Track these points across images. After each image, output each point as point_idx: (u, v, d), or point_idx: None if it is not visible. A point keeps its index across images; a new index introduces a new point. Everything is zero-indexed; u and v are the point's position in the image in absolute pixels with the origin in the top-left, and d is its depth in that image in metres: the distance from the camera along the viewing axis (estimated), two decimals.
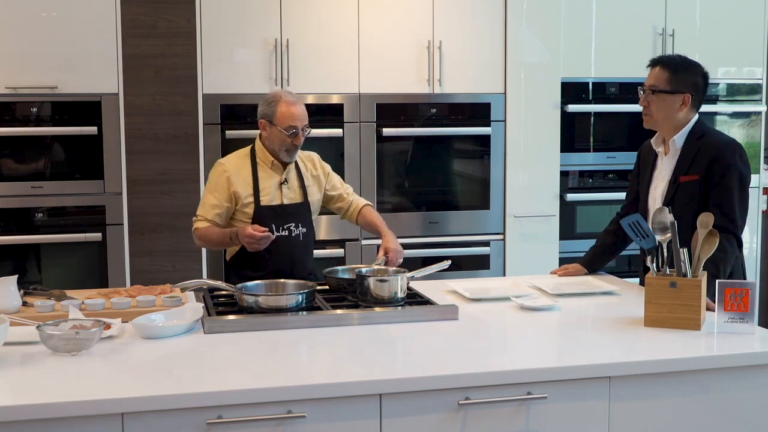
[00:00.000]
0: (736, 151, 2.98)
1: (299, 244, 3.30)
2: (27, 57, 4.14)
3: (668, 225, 2.62)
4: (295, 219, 3.30)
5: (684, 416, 2.34)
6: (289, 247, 3.27)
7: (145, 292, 2.85)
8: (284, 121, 3.21)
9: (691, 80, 3.03)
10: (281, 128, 3.21)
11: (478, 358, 2.35)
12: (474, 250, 4.79)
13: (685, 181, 3.01)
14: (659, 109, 3.04)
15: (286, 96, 3.27)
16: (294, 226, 3.29)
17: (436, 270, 3.01)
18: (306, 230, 3.33)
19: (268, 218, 3.24)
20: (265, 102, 3.28)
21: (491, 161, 4.78)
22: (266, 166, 3.30)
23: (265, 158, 3.30)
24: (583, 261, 3.43)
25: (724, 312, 2.53)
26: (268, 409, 2.06)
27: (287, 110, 3.22)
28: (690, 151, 3.02)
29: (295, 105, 3.25)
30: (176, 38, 4.32)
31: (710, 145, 2.99)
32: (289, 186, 3.31)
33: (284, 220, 3.27)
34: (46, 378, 2.14)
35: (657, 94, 3.04)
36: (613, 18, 4.91)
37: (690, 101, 3.03)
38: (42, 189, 4.22)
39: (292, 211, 3.29)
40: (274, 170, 3.30)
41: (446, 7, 4.65)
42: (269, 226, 3.21)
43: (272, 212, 3.25)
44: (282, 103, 3.23)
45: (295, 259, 3.26)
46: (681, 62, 3.07)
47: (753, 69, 5.14)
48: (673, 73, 3.02)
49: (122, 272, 4.30)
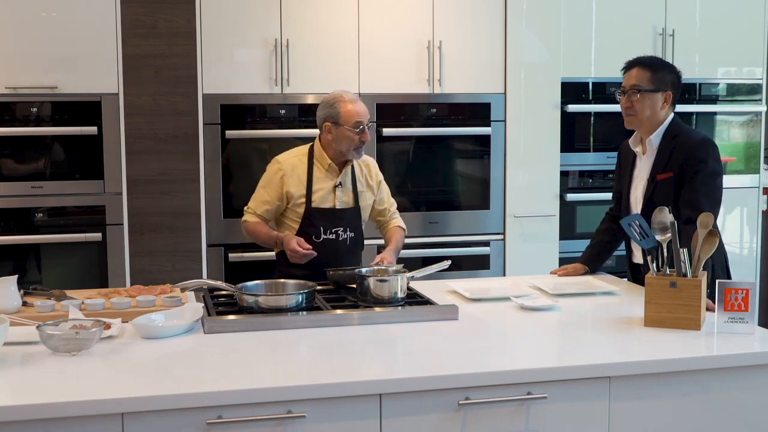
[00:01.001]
0: (708, 149, 3.05)
1: (345, 248, 3.33)
2: (27, 57, 4.14)
3: (668, 225, 2.63)
4: (344, 223, 3.32)
5: (684, 416, 2.34)
6: (335, 250, 3.29)
7: (145, 292, 2.85)
8: (350, 119, 3.23)
9: (669, 79, 3.13)
10: (348, 126, 3.23)
11: (478, 358, 2.35)
12: (474, 250, 4.79)
13: (662, 179, 3.09)
14: (644, 108, 3.12)
15: (346, 95, 3.30)
16: (342, 231, 3.31)
17: (436, 270, 3.01)
18: (354, 235, 3.35)
19: (318, 220, 3.26)
20: (326, 105, 3.29)
21: (491, 161, 4.78)
22: (323, 168, 3.31)
23: (323, 160, 3.31)
24: (581, 260, 3.45)
25: (724, 312, 2.53)
26: (268, 409, 2.07)
27: (352, 108, 3.25)
28: (666, 150, 3.10)
29: (357, 102, 3.28)
30: (176, 38, 4.32)
31: (684, 143, 3.08)
32: (343, 190, 3.33)
33: (333, 224, 3.29)
34: (46, 378, 2.14)
35: (642, 93, 3.11)
36: (613, 18, 4.91)
37: (670, 98, 3.12)
38: (42, 189, 4.22)
39: (342, 215, 3.31)
40: (329, 172, 3.32)
41: (446, 7, 4.65)
42: (318, 228, 3.25)
43: (322, 215, 3.27)
44: (344, 103, 3.26)
45: (339, 263, 3.24)
46: (658, 62, 3.18)
47: (753, 69, 5.14)
48: (653, 72, 3.11)
49: (122, 272, 4.30)
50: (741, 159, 5.20)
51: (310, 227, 3.27)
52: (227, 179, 4.46)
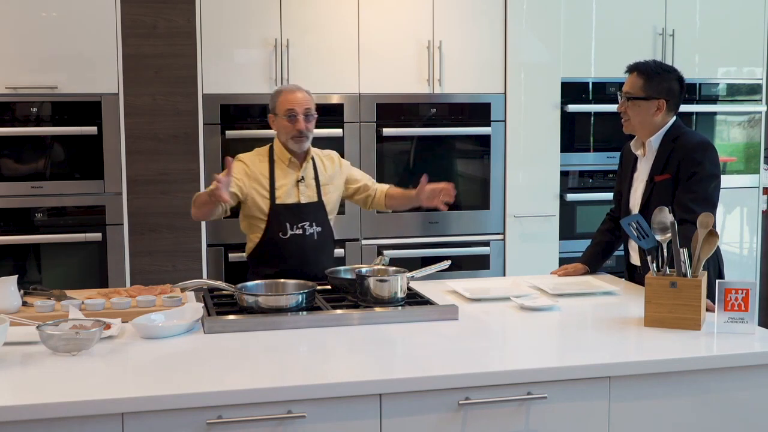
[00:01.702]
0: (706, 151, 3.05)
1: (313, 243, 3.32)
2: (27, 57, 4.14)
3: (668, 225, 2.63)
4: (310, 218, 3.31)
5: (684, 416, 2.34)
6: (302, 245, 3.29)
7: (145, 292, 2.85)
8: (283, 107, 3.26)
9: (665, 86, 3.10)
10: (282, 115, 3.26)
11: (478, 358, 2.35)
12: (474, 250, 4.79)
13: (659, 180, 3.09)
14: (635, 115, 3.13)
15: (287, 86, 3.36)
16: (309, 225, 3.30)
17: (436, 270, 3.01)
18: (321, 229, 3.34)
19: (283, 216, 3.26)
20: (270, 98, 3.35)
21: (491, 161, 4.78)
22: (283, 164, 3.31)
23: (283, 156, 3.32)
24: (582, 260, 3.45)
25: (724, 312, 2.53)
26: (268, 409, 2.07)
27: (285, 97, 3.28)
28: (664, 152, 3.10)
29: (294, 92, 3.30)
30: (176, 38, 4.32)
31: (683, 145, 3.07)
32: (306, 184, 3.33)
33: (299, 219, 3.29)
34: (46, 378, 2.14)
35: (632, 101, 3.12)
36: (613, 18, 4.91)
37: (665, 106, 3.10)
38: (42, 189, 4.22)
39: (307, 209, 3.31)
40: (291, 168, 3.32)
41: (446, 7, 4.65)
42: (284, 224, 3.25)
43: (287, 210, 3.27)
44: (280, 93, 3.31)
45: (309, 258, 3.27)
46: (655, 68, 3.14)
47: (753, 69, 5.14)
48: (646, 80, 3.10)
49: (122, 272, 4.30)
50: (741, 159, 5.20)
51: (277, 224, 3.26)
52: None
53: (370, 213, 4.61)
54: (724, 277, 3.09)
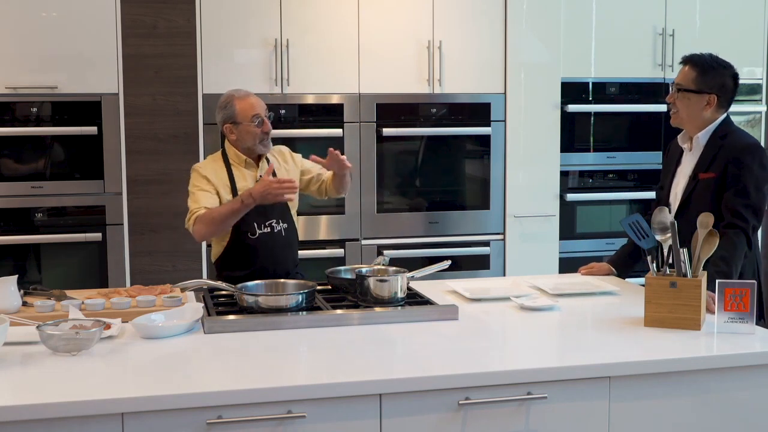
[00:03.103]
0: (756, 154, 2.98)
1: (282, 240, 3.30)
2: (27, 57, 4.14)
3: (668, 225, 2.63)
4: (276, 215, 3.29)
5: (684, 416, 2.34)
6: (272, 244, 3.27)
7: (145, 292, 2.85)
8: (246, 114, 3.23)
9: (718, 81, 3.03)
10: (247, 122, 3.23)
11: (478, 358, 2.35)
12: (474, 250, 4.79)
13: (704, 178, 3.02)
14: (684, 108, 3.06)
15: (237, 92, 3.30)
16: (275, 222, 3.28)
17: (436, 270, 3.01)
18: (287, 226, 3.33)
19: (251, 217, 3.21)
20: (221, 107, 3.29)
21: (491, 161, 4.78)
22: (240, 166, 3.30)
23: (238, 159, 3.29)
24: (610, 261, 3.41)
25: (724, 312, 2.53)
26: (268, 409, 2.06)
27: (244, 104, 3.25)
28: (712, 149, 3.03)
29: (249, 96, 3.28)
30: (176, 38, 4.32)
31: (731, 145, 3.00)
32: None
33: (266, 217, 3.26)
34: (46, 378, 2.14)
35: (682, 93, 3.05)
36: (613, 18, 4.91)
37: (716, 102, 3.03)
38: (42, 189, 4.22)
39: (272, 207, 3.25)
40: (248, 169, 3.30)
41: (446, 7, 4.65)
42: (252, 225, 3.22)
43: (253, 211, 3.19)
44: (238, 100, 3.26)
45: (278, 256, 3.26)
46: (710, 62, 3.07)
47: (753, 69, 5.14)
48: (700, 73, 3.03)
49: (122, 272, 4.30)
50: None
51: (245, 225, 3.21)
52: None
53: (370, 213, 4.62)
54: (759, 277, 3.01)
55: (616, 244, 4.01)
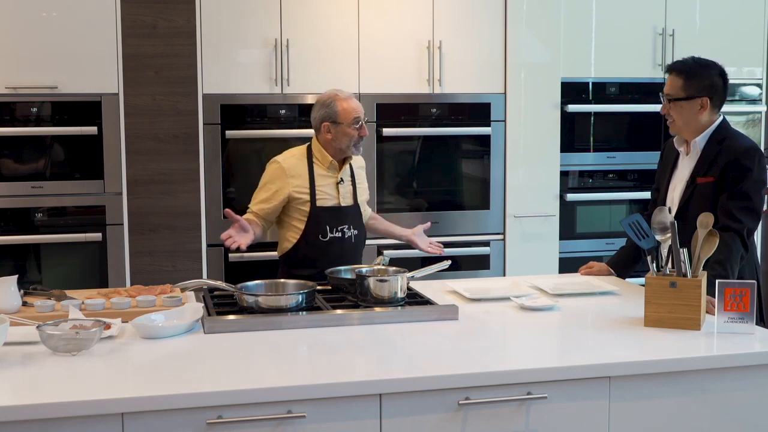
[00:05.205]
0: (755, 157, 2.96)
1: (351, 246, 3.34)
2: (27, 57, 4.14)
3: (668, 225, 2.63)
4: (349, 221, 3.33)
5: (684, 416, 2.34)
6: (341, 248, 3.30)
7: (145, 292, 2.85)
8: (348, 116, 3.26)
9: (706, 83, 3.00)
10: (347, 123, 3.25)
11: (478, 358, 2.35)
12: (474, 250, 4.79)
13: (702, 182, 3.01)
14: (678, 116, 3.03)
15: (341, 93, 3.33)
16: (347, 228, 3.32)
17: (436, 270, 3.01)
18: (358, 232, 3.37)
19: (323, 219, 3.27)
20: (323, 105, 3.31)
21: (491, 161, 4.78)
22: (323, 166, 3.31)
23: (323, 159, 3.31)
24: (609, 262, 3.40)
25: (724, 312, 2.53)
26: (268, 409, 2.07)
27: (348, 105, 3.28)
28: (710, 153, 3.01)
29: (352, 99, 3.32)
30: (176, 38, 4.32)
31: (730, 148, 2.98)
32: (345, 187, 3.35)
33: (339, 222, 3.30)
34: (46, 378, 2.14)
35: (674, 102, 3.03)
36: (613, 18, 4.91)
37: (709, 104, 3.01)
38: (42, 189, 4.22)
39: (346, 212, 3.32)
40: (330, 170, 3.32)
41: (446, 7, 4.65)
42: (324, 226, 3.26)
43: (327, 213, 3.28)
44: (341, 101, 3.29)
45: (343, 261, 3.24)
46: (693, 66, 3.03)
47: (753, 69, 5.14)
48: (686, 78, 3.01)
49: (122, 272, 4.30)
50: None
51: (317, 226, 3.27)
52: (227, 179, 4.46)
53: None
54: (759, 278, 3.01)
55: (616, 244, 4.01)
